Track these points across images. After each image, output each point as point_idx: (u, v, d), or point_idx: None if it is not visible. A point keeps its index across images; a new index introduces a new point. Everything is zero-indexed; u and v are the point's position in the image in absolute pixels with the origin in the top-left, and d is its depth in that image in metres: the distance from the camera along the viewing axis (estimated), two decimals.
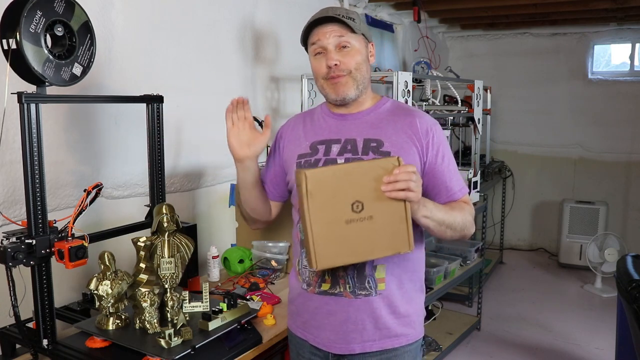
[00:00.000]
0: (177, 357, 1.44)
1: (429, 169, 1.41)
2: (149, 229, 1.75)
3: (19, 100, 1.42)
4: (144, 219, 1.94)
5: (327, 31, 1.38)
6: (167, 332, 1.47)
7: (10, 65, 1.41)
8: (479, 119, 3.59)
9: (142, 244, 1.59)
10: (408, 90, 2.67)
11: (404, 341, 1.43)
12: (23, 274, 1.49)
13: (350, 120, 1.46)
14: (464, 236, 1.43)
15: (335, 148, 1.42)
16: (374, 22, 4.25)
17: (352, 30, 1.39)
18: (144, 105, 1.86)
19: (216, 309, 1.65)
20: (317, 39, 1.40)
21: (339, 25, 1.38)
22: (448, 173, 1.42)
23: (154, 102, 1.86)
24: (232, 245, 2.57)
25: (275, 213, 1.62)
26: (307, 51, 1.48)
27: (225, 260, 2.39)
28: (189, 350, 1.47)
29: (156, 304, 1.58)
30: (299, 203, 1.20)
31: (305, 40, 1.46)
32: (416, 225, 1.31)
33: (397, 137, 1.40)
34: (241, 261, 2.37)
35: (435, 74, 3.59)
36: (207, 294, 1.72)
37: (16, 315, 1.47)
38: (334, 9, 1.41)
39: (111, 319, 1.58)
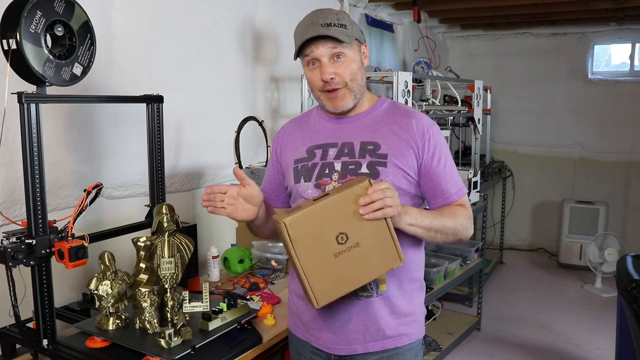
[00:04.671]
0: (177, 357, 1.44)
1: (424, 171, 1.40)
2: (149, 229, 1.75)
3: (19, 100, 1.42)
4: (144, 219, 1.94)
5: (320, 42, 1.34)
6: (167, 332, 1.48)
7: (11, 65, 1.41)
8: (479, 119, 3.59)
9: (142, 244, 1.58)
10: (408, 90, 2.67)
11: (406, 340, 1.44)
12: (23, 274, 1.49)
13: (347, 123, 1.44)
14: (460, 240, 1.41)
15: (332, 152, 1.41)
16: (374, 22, 4.25)
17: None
18: (144, 105, 1.86)
19: (216, 309, 1.65)
20: (310, 51, 1.35)
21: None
22: (444, 175, 1.41)
23: (154, 102, 1.86)
24: (232, 245, 2.56)
25: None
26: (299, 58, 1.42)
27: (225, 260, 2.40)
28: (189, 350, 1.47)
29: (156, 304, 1.58)
30: (286, 250, 1.21)
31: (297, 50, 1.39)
32: None
33: (393, 140, 1.39)
34: (241, 261, 2.37)
35: (435, 74, 3.60)
36: (207, 294, 1.72)
37: (16, 315, 1.47)
38: (324, 15, 1.34)
39: (111, 319, 1.58)
